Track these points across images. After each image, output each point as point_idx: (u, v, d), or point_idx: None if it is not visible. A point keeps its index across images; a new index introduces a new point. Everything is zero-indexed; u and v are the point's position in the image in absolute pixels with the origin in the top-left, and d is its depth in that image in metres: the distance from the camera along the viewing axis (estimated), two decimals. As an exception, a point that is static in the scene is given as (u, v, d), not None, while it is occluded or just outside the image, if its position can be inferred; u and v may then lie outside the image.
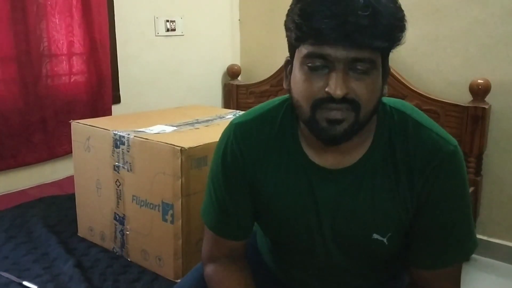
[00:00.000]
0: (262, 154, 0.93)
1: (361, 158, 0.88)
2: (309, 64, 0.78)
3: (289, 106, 0.93)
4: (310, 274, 1.02)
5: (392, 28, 0.75)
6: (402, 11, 0.78)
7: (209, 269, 1.00)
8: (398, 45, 0.78)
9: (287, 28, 0.81)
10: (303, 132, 0.90)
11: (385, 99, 0.91)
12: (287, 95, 0.96)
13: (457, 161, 0.86)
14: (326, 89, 0.76)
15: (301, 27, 0.76)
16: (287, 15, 0.80)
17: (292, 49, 0.83)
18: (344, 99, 0.76)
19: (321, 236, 0.93)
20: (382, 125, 0.88)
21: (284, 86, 0.88)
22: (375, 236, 0.89)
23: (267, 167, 0.93)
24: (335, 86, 0.75)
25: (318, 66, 0.77)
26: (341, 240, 0.92)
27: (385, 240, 0.89)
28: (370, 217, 0.88)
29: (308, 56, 0.77)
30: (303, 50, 0.78)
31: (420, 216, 0.88)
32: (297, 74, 0.81)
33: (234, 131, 0.94)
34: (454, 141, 0.87)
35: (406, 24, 0.78)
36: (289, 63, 0.86)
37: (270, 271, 1.12)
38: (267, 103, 0.98)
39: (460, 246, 0.90)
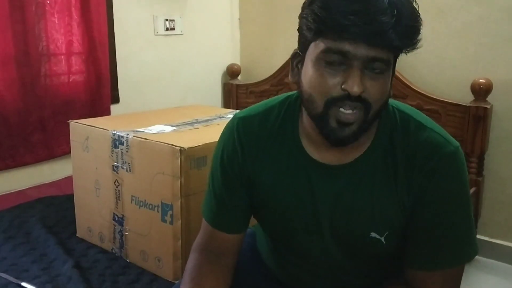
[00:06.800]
0: (262, 149, 0.94)
1: (361, 155, 0.88)
2: (326, 60, 0.78)
3: (291, 102, 0.94)
4: (309, 272, 1.02)
5: (412, 30, 0.77)
6: (420, 14, 0.79)
7: (193, 256, 1.00)
8: (415, 47, 0.80)
9: (304, 20, 0.80)
10: (304, 128, 0.90)
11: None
12: (290, 92, 0.97)
13: (457, 163, 0.86)
14: (343, 86, 0.77)
15: (324, 20, 0.75)
16: (305, 7, 0.80)
17: (305, 42, 0.82)
18: (358, 98, 0.77)
19: (318, 233, 0.93)
20: (384, 124, 0.88)
21: (290, 78, 0.88)
22: (373, 234, 0.89)
23: (266, 162, 0.94)
24: (352, 84, 0.76)
25: (335, 62, 0.77)
26: (339, 238, 0.92)
27: (382, 239, 0.89)
28: (368, 215, 0.88)
29: (326, 51, 0.77)
30: (320, 44, 0.78)
31: (416, 215, 0.87)
32: (311, 68, 0.80)
33: (237, 125, 0.96)
34: (455, 142, 0.87)
35: (421, 27, 0.79)
36: (297, 55, 0.86)
37: (269, 270, 1.11)
38: (271, 100, 0.99)
39: (456, 250, 0.88)
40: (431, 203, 0.86)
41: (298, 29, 0.84)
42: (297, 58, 0.86)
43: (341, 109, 0.78)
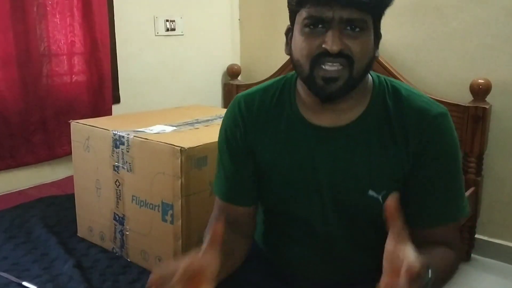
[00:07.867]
0: (263, 120, 1.01)
1: (356, 118, 0.95)
2: (308, 26, 0.87)
3: (288, 79, 1.04)
4: (305, 249, 1.04)
5: None
6: None
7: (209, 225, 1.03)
8: (386, 7, 0.89)
9: None
10: (300, 95, 0.98)
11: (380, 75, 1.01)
12: (286, 74, 1.05)
13: (448, 122, 0.94)
14: (323, 45, 0.86)
15: None
16: None
17: (292, 15, 0.92)
18: (339, 54, 0.85)
19: (319, 197, 0.97)
20: (377, 91, 0.96)
21: (285, 52, 0.97)
22: (371, 193, 0.94)
23: (267, 132, 1.00)
24: (331, 42, 0.84)
25: (316, 27, 0.87)
26: (338, 199, 0.97)
27: (380, 197, 0.93)
28: (365, 174, 0.94)
29: (307, 18, 0.87)
30: (303, 13, 0.88)
31: (413, 174, 0.93)
32: (297, 36, 0.90)
33: (238, 102, 1.05)
34: (444, 107, 0.95)
35: None
36: (290, 30, 0.95)
37: (267, 265, 1.13)
38: (269, 81, 1.07)
39: (451, 206, 0.95)
40: (430, 161, 0.92)
41: (287, 5, 0.93)
42: (290, 33, 0.95)
43: (324, 67, 0.86)
